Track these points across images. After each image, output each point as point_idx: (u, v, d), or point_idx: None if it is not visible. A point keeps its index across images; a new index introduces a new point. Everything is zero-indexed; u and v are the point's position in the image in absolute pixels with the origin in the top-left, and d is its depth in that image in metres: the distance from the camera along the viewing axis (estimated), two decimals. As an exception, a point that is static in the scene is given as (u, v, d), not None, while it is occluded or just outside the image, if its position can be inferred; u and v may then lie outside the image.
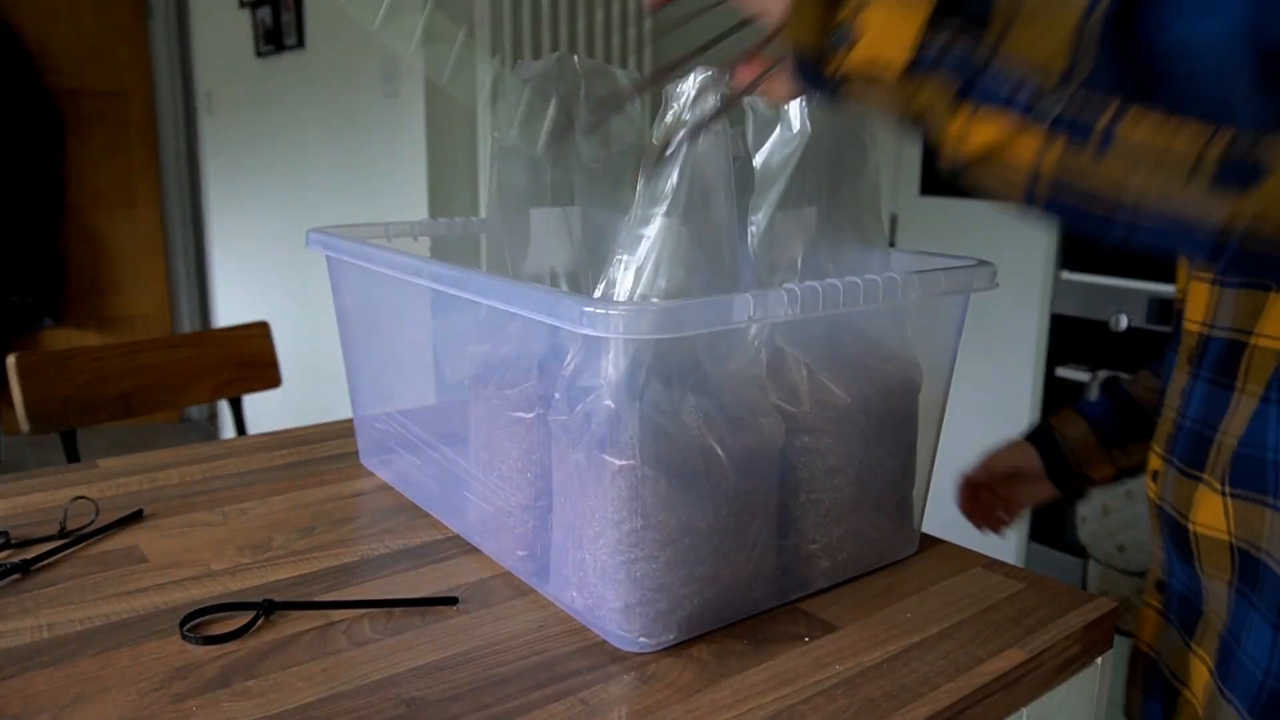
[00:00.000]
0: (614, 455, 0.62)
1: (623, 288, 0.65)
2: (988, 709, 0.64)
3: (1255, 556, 0.65)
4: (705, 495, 0.64)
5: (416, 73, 2.30)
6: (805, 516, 0.73)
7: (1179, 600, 0.75)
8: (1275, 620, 0.63)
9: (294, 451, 1.07)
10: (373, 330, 0.96)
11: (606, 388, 0.61)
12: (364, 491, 0.95)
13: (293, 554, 0.81)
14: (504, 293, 0.66)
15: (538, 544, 0.75)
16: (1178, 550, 0.73)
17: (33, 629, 0.68)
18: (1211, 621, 0.70)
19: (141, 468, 1.01)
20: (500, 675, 0.63)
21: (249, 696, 0.60)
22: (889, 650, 0.67)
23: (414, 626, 0.69)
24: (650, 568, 0.64)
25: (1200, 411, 0.71)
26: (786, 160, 0.72)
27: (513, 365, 0.75)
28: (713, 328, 0.61)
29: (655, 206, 0.64)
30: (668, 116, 0.65)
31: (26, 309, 3.77)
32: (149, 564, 0.78)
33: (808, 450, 0.72)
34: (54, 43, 3.73)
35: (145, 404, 1.44)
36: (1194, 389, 0.72)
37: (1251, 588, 0.65)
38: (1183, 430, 0.73)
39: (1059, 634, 0.70)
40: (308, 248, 0.96)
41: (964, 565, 0.81)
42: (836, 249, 0.76)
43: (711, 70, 0.63)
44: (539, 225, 0.85)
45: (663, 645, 0.66)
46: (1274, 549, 0.63)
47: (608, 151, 0.84)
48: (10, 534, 0.82)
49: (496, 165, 0.84)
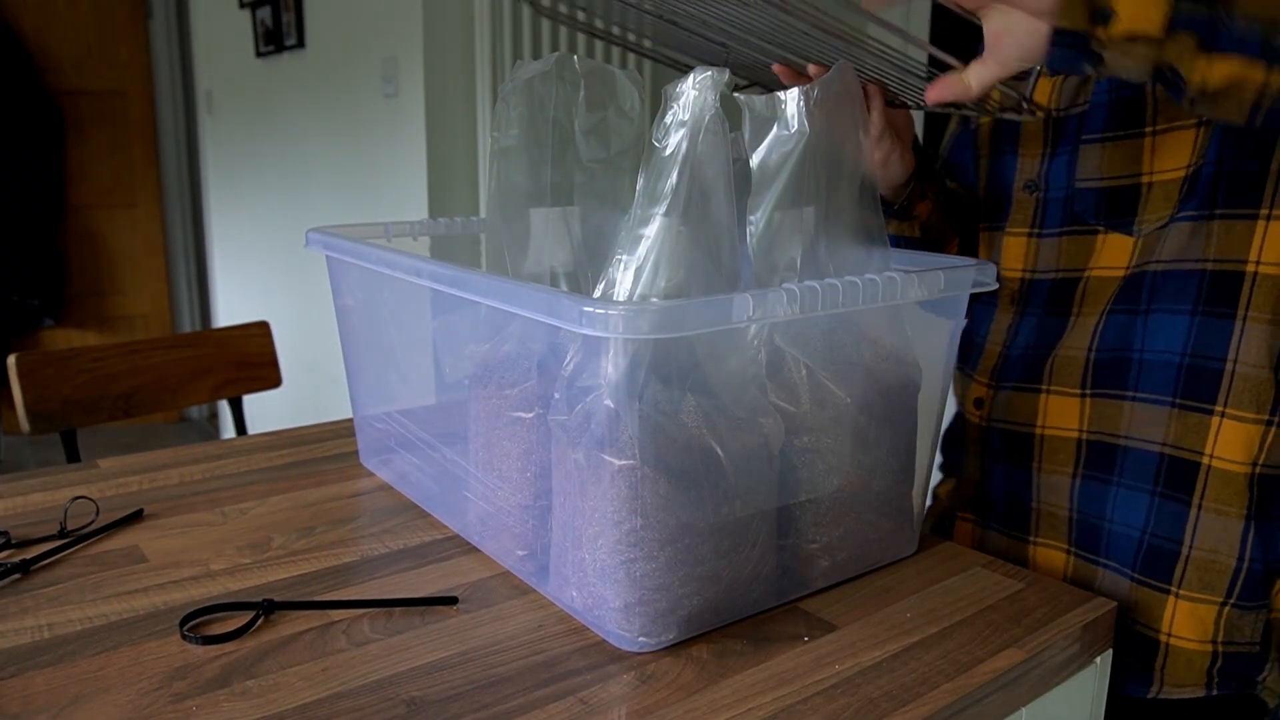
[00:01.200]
0: (614, 455, 0.62)
1: (622, 288, 0.65)
2: (987, 708, 0.64)
3: (1113, 444, 0.82)
4: (705, 495, 0.65)
5: (416, 73, 2.30)
6: (805, 516, 0.74)
7: (1005, 505, 0.92)
8: (1149, 488, 0.80)
9: (294, 451, 1.07)
10: (373, 330, 0.96)
11: (606, 387, 0.61)
12: (364, 491, 0.95)
13: (292, 554, 0.81)
14: (504, 293, 0.66)
15: (537, 544, 0.75)
16: (1012, 458, 0.90)
17: (33, 629, 0.68)
18: (1052, 513, 0.87)
19: (141, 468, 1.01)
20: (500, 675, 0.63)
21: (249, 696, 0.60)
22: (889, 650, 0.67)
23: (414, 626, 0.69)
24: (650, 567, 0.64)
25: (1033, 338, 0.89)
26: (785, 160, 0.72)
27: (512, 365, 0.76)
28: (712, 327, 0.61)
29: (655, 206, 0.64)
30: (667, 117, 0.65)
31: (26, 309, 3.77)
32: (149, 564, 0.78)
33: (807, 450, 0.72)
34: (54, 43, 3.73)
35: (145, 404, 1.44)
36: (1022, 323, 0.91)
37: (1108, 470, 0.83)
38: (1011, 358, 0.91)
39: (1058, 633, 0.70)
40: (307, 248, 0.96)
41: (963, 565, 0.81)
42: (836, 249, 0.76)
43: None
44: (539, 225, 0.85)
45: (662, 645, 0.66)
46: (1135, 432, 0.81)
47: (607, 151, 0.84)
48: (10, 534, 0.82)
49: (496, 165, 0.84)
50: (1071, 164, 0.86)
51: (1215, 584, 0.78)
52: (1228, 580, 0.78)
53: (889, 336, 0.77)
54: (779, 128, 0.72)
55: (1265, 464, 0.76)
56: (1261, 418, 0.76)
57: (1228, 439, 0.77)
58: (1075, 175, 0.86)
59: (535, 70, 0.82)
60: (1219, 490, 0.77)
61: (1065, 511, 0.86)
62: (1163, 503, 0.80)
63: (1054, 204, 0.88)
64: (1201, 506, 0.78)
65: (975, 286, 0.76)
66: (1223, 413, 0.77)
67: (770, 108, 0.72)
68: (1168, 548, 0.79)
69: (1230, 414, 0.76)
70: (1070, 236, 0.86)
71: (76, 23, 3.78)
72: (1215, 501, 0.77)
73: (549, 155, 0.84)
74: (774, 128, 0.72)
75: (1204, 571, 0.78)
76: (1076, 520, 0.86)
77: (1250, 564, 0.77)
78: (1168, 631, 0.80)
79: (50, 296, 3.82)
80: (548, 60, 0.82)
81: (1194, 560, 0.78)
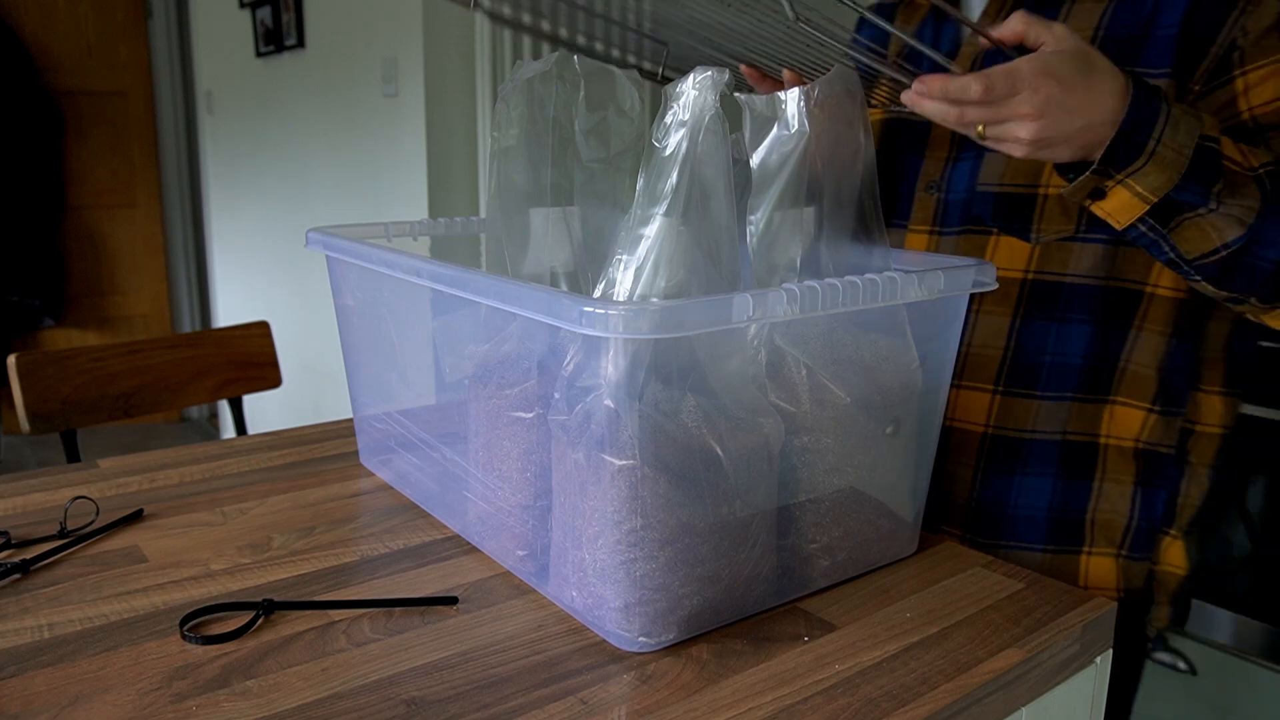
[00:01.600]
0: (614, 455, 0.62)
1: (622, 288, 0.65)
2: (987, 709, 0.64)
3: (1017, 438, 0.91)
4: (705, 495, 0.65)
5: (416, 73, 2.30)
6: (805, 516, 0.74)
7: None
8: (1053, 472, 0.90)
9: (294, 451, 1.07)
10: (373, 330, 0.96)
11: (606, 387, 0.61)
12: (364, 491, 0.95)
13: (292, 554, 0.81)
14: (504, 293, 0.66)
15: (537, 544, 0.75)
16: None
17: (33, 629, 0.68)
18: (951, 502, 0.95)
19: (141, 468, 1.01)
20: (500, 675, 0.63)
21: (249, 696, 0.60)
22: (888, 650, 0.67)
23: (414, 626, 0.69)
24: (650, 567, 0.64)
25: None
26: (785, 160, 0.72)
27: (513, 365, 0.76)
28: (712, 327, 0.61)
29: (655, 206, 0.65)
30: (667, 117, 0.65)
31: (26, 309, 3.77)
32: (149, 564, 0.78)
33: (807, 450, 0.72)
34: (54, 43, 3.73)
35: (145, 404, 1.44)
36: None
37: (1011, 462, 0.91)
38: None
39: (1058, 634, 0.70)
40: (307, 248, 0.96)
41: (963, 565, 0.81)
42: (836, 249, 0.76)
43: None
44: (539, 225, 0.85)
45: (662, 645, 0.66)
46: (1038, 426, 0.90)
47: (607, 151, 0.84)
48: (10, 534, 0.82)
49: (496, 165, 0.84)
50: (975, 169, 0.92)
51: (1113, 538, 0.91)
52: (1120, 535, 0.91)
53: (889, 336, 0.77)
54: (779, 128, 0.72)
55: (1146, 441, 0.90)
56: (1144, 405, 0.89)
57: (1119, 421, 0.89)
58: (977, 180, 0.91)
59: (535, 70, 0.82)
60: (1115, 463, 0.90)
61: (964, 500, 0.94)
62: (1067, 483, 0.91)
63: (954, 205, 0.94)
64: (1103, 479, 0.90)
65: (975, 287, 0.76)
66: (1114, 400, 0.89)
67: (770, 108, 0.72)
68: (1075, 518, 0.91)
69: (1119, 401, 0.89)
70: (968, 236, 0.92)
71: (76, 23, 3.77)
72: (1113, 473, 0.90)
73: (549, 155, 0.84)
74: (774, 128, 0.72)
75: (1105, 529, 0.91)
76: (975, 509, 0.94)
77: (1139, 522, 0.91)
78: (1084, 585, 0.91)
79: (50, 296, 3.82)
80: (548, 60, 0.82)
81: (1098, 522, 0.91)
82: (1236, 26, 0.80)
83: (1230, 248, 0.73)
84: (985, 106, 0.66)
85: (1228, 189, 0.71)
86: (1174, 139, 0.69)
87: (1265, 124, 0.80)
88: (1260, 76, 0.79)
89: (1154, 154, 0.69)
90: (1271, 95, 0.79)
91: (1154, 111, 0.69)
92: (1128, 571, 0.91)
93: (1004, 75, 0.65)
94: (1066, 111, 0.67)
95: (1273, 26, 0.79)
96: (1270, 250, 0.73)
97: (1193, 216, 0.72)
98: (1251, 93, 0.80)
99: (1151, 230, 0.74)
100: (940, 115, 0.69)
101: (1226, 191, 0.71)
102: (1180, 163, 0.70)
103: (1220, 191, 0.71)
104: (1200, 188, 0.71)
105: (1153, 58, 0.82)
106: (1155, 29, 0.83)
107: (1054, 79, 0.66)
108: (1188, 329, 0.88)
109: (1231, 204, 0.71)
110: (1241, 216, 0.72)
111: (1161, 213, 0.72)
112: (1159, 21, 0.83)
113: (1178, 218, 0.72)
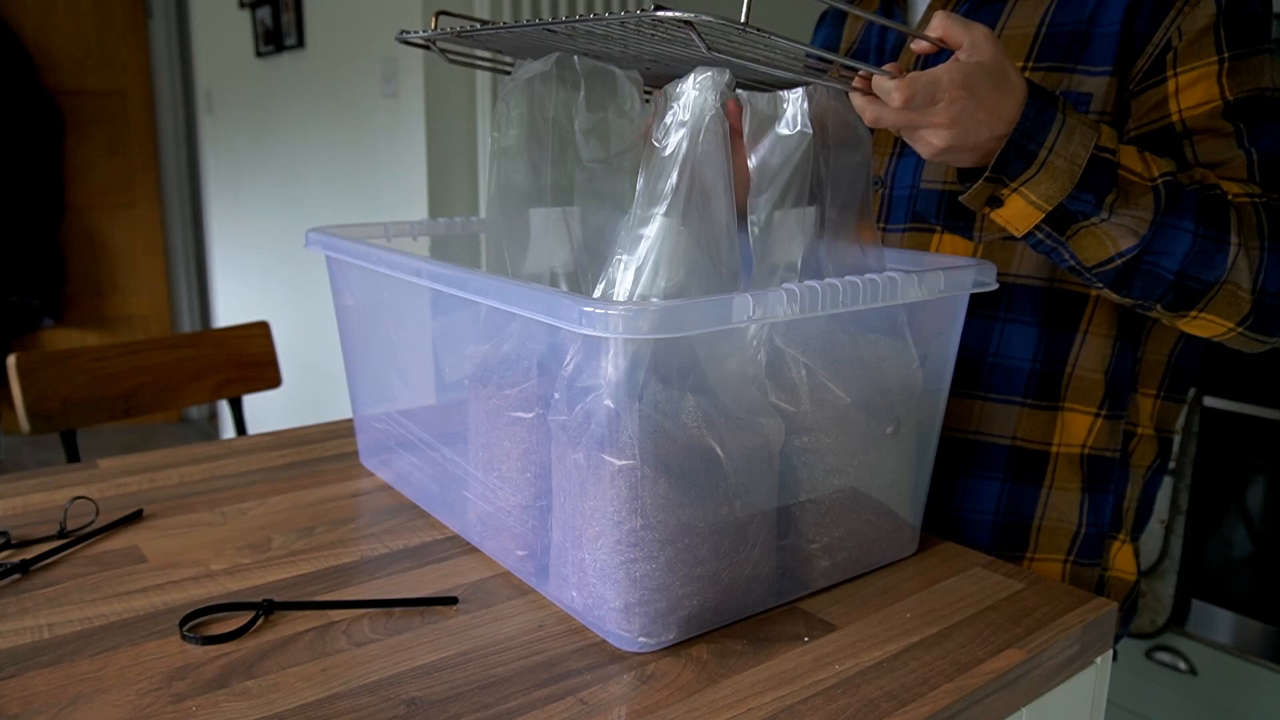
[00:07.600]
0: (614, 455, 0.62)
1: (622, 288, 0.65)
2: (987, 709, 0.64)
3: (961, 439, 0.92)
4: (705, 495, 0.65)
5: (416, 73, 2.30)
6: (805, 516, 0.74)
7: None
8: (1000, 476, 0.91)
9: (294, 451, 1.07)
10: (373, 330, 0.96)
11: (606, 387, 0.61)
12: (364, 491, 0.95)
13: (292, 554, 0.81)
14: (504, 293, 0.66)
15: (537, 544, 0.75)
16: None
17: (33, 629, 0.68)
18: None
19: (141, 468, 1.01)
20: (500, 675, 0.63)
21: (249, 696, 0.60)
22: (889, 650, 0.67)
23: (414, 626, 0.69)
24: (650, 568, 0.64)
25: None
26: (786, 160, 0.72)
27: (512, 365, 0.75)
28: (712, 327, 0.61)
29: (655, 206, 0.65)
30: (667, 117, 0.65)
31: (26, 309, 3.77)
32: (149, 564, 0.78)
33: (807, 450, 0.72)
34: (54, 43, 3.73)
35: (145, 404, 1.44)
36: None
37: (956, 463, 0.92)
38: None
39: (1058, 634, 0.70)
40: (307, 248, 0.96)
41: (964, 565, 0.81)
42: (836, 249, 0.76)
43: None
44: (539, 225, 0.85)
45: (662, 645, 0.66)
46: (984, 428, 0.91)
47: (607, 151, 0.84)
48: (10, 534, 0.82)
49: (496, 165, 0.84)
50: (919, 165, 0.93)
51: (1061, 545, 0.92)
52: (1069, 541, 0.92)
53: (889, 337, 0.77)
54: (780, 127, 0.72)
55: (1093, 446, 0.91)
56: (1091, 410, 0.89)
57: (1069, 428, 0.90)
58: (921, 176, 0.92)
59: (535, 70, 0.82)
60: (1064, 471, 0.91)
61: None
62: (1014, 487, 0.92)
63: (899, 201, 0.95)
64: (1051, 487, 0.91)
65: (975, 286, 0.76)
66: (1064, 408, 0.90)
67: (772, 107, 0.72)
68: (1021, 523, 0.92)
69: (1068, 408, 0.90)
70: (912, 233, 0.94)
71: (76, 23, 3.77)
72: (1061, 480, 0.91)
73: (549, 155, 0.84)
74: (775, 127, 0.72)
75: (1052, 536, 0.92)
76: (939, 512, 0.95)
77: (1086, 529, 0.92)
78: None
79: (50, 296, 3.82)
80: (548, 60, 0.82)
81: (1044, 529, 0.92)
82: (1174, 27, 0.80)
83: (1124, 256, 0.73)
84: (903, 113, 0.67)
85: (1121, 199, 0.71)
86: (1066, 149, 0.70)
87: (1192, 128, 0.80)
88: (1191, 79, 0.79)
89: (1045, 163, 0.70)
90: (1201, 98, 0.79)
91: (1047, 120, 0.69)
92: (1077, 578, 0.92)
93: (925, 86, 0.65)
94: (976, 123, 0.67)
95: (1207, 29, 0.79)
96: (1165, 259, 0.73)
97: (1087, 225, 0.72)
98: (1182, 94, 0.80)
99: (1049, 238, 0.74)
100: (858, 109, 0.69)
101: (1120, 201, 0.71)
102: (1073, 172, 0.70)
103: (1114, 202, 0.71)
104: (1093, 197, 0.71)
105: (1095, 55, 0.83)
106: (1096, 26, 0.83)
107: (969, 91, 0.66)
108: (1131, 331, 0.89)
109: (1124, 214, 0.72)
110: (1134, 227, 0.72)
111: (1057, 221, 0.72)
112: (1099, 20, 0.83)
113: (1073, 226, 0.72)
